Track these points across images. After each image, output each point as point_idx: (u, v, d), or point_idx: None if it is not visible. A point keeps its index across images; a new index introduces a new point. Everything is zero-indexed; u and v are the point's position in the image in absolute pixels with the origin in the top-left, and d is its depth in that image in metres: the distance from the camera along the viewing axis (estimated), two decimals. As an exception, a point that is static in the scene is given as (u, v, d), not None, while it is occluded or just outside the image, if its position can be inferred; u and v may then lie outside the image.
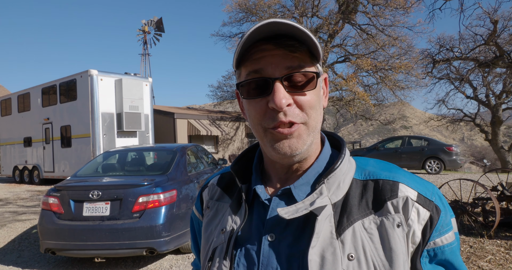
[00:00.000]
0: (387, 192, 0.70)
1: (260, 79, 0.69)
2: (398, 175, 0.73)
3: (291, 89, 0.69)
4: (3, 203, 10.21)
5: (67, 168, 13.90)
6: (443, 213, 0.71)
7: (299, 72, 0.68)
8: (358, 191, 0.72)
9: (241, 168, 0.83)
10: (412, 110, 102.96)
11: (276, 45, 0.68)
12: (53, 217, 4.72)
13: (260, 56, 0.69)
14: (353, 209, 0.69)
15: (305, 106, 0.69)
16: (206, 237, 0.84)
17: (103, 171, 5.96)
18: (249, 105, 0.72)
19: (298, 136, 0.70)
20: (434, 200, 0.71)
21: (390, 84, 20.73)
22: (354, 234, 0.67)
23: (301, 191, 0.73)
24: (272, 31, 0.67)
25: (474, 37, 19.99)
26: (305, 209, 0.68)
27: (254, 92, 0.70)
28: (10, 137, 16.93)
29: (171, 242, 4.61)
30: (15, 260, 5.45)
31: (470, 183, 9.30)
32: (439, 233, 0.70)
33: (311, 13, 21.13)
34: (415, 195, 0.70)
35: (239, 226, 0.75)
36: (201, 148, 7.43)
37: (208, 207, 0.88)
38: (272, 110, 0.69)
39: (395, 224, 0.67)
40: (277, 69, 0.68)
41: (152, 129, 14.71)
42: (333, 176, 0.71)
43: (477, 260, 4.48)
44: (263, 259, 0.70)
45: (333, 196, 0.70)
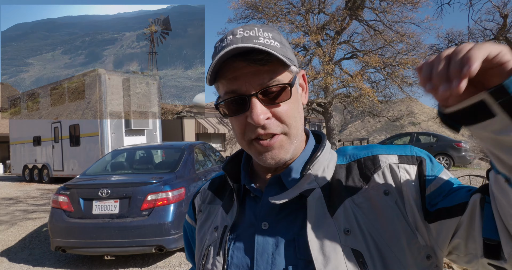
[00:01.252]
0: (370, 166, 0.73)
1: (237, 97, 0.71)
2: (374, 149, 0.77)
3: (267, 103, 0.71)
4: (14, 202, 10.33)
5: (76, 167, 14.02)
6: (427, 160, 0.72)
7: (271, 86, 0.70)
8: (344, 174, 0.75)
9: (233, 168, 0.86)
10: (421, 106, 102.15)
11: (247, 61, 0.70)
12: (63, 215, 4.76)
13: (234, 76, 0.71)
14: (341, 188, 0.72)
15: (283, 117, 0.72)
16: (199, 239, 0.85)
17: (112, 169, 5.99)
18: (231, 121, 0.76)
19: (280, 147, 0.73)
20: (415, 153, 0.73)
21: (397, 80, 20.54)
22: (346, 210, 0.69)
23: (291, 178, 0.76)
24: (238, 49, 0.69)
25: (484, 31, 19.71)
26: (294, 193, 0.71)
27: (233, 110, 0.73)
28: (20, 136, 17.12)
29: (179, 239, 4.62)
30: (26, 258, 5.51)
31: (479, 179, 9.20)
32: (433, 179, 0.70)
33: (317, 9, 20.99)
34: (395, 158, 0.73)
35: (231, 223, 0.77)
36: (209, 146, 7.44)
37: (201, 211, 0.90)
38: (251, 124, 0.71)
39: (382, 192, 0.69)
40: (251, 86, 0.70)
41: (159, 128, 14.76)
42: (317, 163, 0.75)
43: (488, 257, 4.43)
44: (258, 247, 0.72)
45: (320, 180, 0.74)
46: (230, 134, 23.38)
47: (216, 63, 0.70)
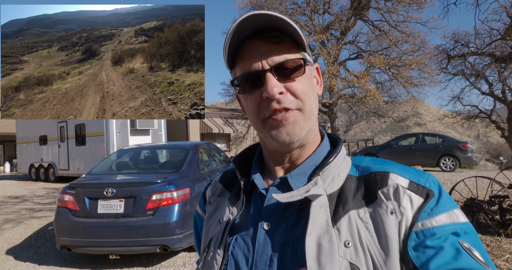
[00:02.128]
0: (378, 182, 0.71)
1: (251, 73, 0.72)
2: (389, 166, 0.74)
3: (282, 78, 0.72)
4: (20, 200, 10.41)
5: (81, 166, 14.10)
6: (435, 197, 0.68)
7: (286, 60, 0.72)
8: (353, 185, 0.73)
9: (243, 162, 0.86)
10: (426, 107, 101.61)
11: (261, 39, 0.72)
12: (68, 214, 4.79)
13: (251, 55, 0.73)
14: (348, 199, 0.70)
15: (297, 92, 0.72)
16: (206, 230, 0.85)
17: (117, 169, 6.02)
18: (246, 100, 0.76)
19: (294, 122, 0.72)
20: (427, 186, 0.70)
21: (403, 81, 20.45)
22: (350, 222, 0.68)
23: (297, 181, 0.75)
24: (254, 26, 0.71)
25: (490, 31, 19.58)
26: (299, 196, 0.69)
27: (248, 86, 0.74)
28: (26, 135, 17.25)
29: (184, 239, 4.63)
30: (31, 257, 5.55)
31: (486, 181, 9.14)
32: (427, 215, 0.66)
33: (322, 9, 20.97)
34: (406, 183, 0.70)
35: (235, 216, 0.77)
36: (214, 146, 7.45)
37: (210, 202, 0.90)
38: (266, 100, 0.71)
39: (389, 211, 0.67)
40: (265, 62, 0.71)
41: (164, 127, 14.81)
42: (327, 169, 0.73)
43: (494, 259, 4.40)
44: (258, 247, 0.71)
45: (328, 188, 0.72)
46: (234, 134, 23.39)
47: (232, 40, 0.71)
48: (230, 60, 0.76)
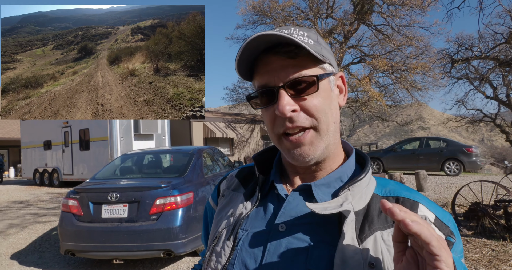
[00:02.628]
0: (407, 208, 0.69)
1: (266, 89, 0.73)
2: (418, 196, 0.74)
3: (295, 95, 0.71)
4: (24, 205, 10.45)
5: (85, 171, 14.15)
6: (458, 241, 0.71)
7: (299, 77, 0.71)
8: (379, 205, 0.72)
9: (263, 160, 0.87)
10: (430, 111, 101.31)
11: (276, 54, 0.72)
12: (72, 219, 4.80)
13: (265, 70, 0.73)
14: (374, 219, 0.70)
15: (311, 110, 0.71)
16: (216, 222, 0.85)
17: (121, 173, 6.04)
18: (263, 113, 0.77)
19: (310, 144, 0.72)
20: (450, 226, 0.71)
21: (406, 84, 20.43)
22: (376, 242, 0.67)
23: (321, 191, 0.75)
24: (268, 42, 0.71)
25: (494, 35, 19.57)
26: (333, 209, 0.68)
27: (263, 101, 0.74)
28: (31, 140, 17.34)
29: (188, 244, 4.63)
30: (36, 261, 5.56)
31: (491, 185, 9.08)
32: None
33: (325, 14, 21.03)
34: (433, 217, 0.70)
35: (248, 211, 0.77)
36: (217, 150, 7.46)
37: (223, 195, 0.90)
38: (279, 117, 0.71)
39: None
40: (279, 79, 0.71)
41: (168, 132, 14.84)
42: (357, 186, 0.73)
43: (499, 264, 4.37)
44: (270, 246, 0.71)
45: (355, 205, 0.71)
46: (238, 138, 23.41)
47: (242, 56, 0.72)
48: (247, 72, 0.77)
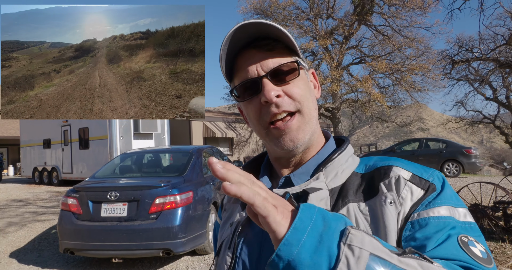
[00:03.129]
0: (381, 175, 0.72)
1: (248, 80, 0.75)
2: (395, 161, 0.75)
3: (278, 82, 0.74)
4: (23, 204, 10.43)
5: (85, 170, 14.13)
6: (437, 191, 0.67)
7: (280, 65, 0.74)
8: (357, 183, 0.74)
9: (253, 168, 0.89)
10: (430, 112, 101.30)
11: (255, 48, 0.75)
12: (72, 218, 4.80)
13: (245, 63, 0.76)
14: (349, 193, 0.72)
15: (294, 95, 0.74)
16: (220, 236, 0.88)
17: (121, 172, 6.03)
18: (247, 108, 0.78)
19: (298, 128, 0.74)
20: (431, 180, 0.69)
21: (406, 85, 20.43)
22: (349, 213, 0.69)
23: (300, 179, 0.76)
24: (247, 37, 0.74)
25: (495, 37, 19.56)
26: (298, 189, 0.72)
27: (247, 94, 0.76)
28: (30, 139, 17.31)
29: (187, 243, 4.63)
30: (35, 260, 5.56)
31: (490, 187, 9.09)
32: (425, 206, 0.65)
33: (326, 14, 21.03)
34: (408, 175, 0.70)
35: (244, 218, 0.79)
36: (217, 150, 7.45)
37: (225, 209, 0.92)
38: (265, 105, 0.73)
39: (388, 201, 0.68)
40: (261, 69, 0.74)
41: (168, 131, 14.83)
42: (330, 165, 0.75)
43: (498, 265, 4.37)
44: (265, 245, 0.72)
45: (330, 183, 0.73)
46: (237, 138, 23.40)
47: (227, 52, 0.74)
48: (228, 73, 0.79)
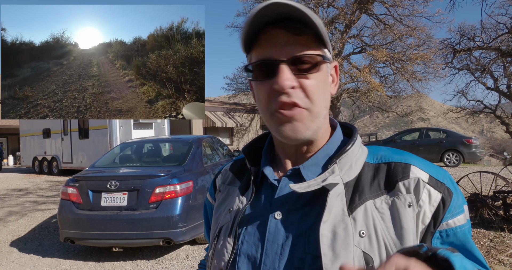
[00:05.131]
0: (399, 173, 0.71)
1: (265, 61, 0.70)
2: (410, 158, 0.74)
3: (296, 72, 0.69)
4: (24, 193, 10.46)
5: (84, 159, 14.14)
6: (455, 196, 0.71)
7: (303, 54, 0.69)
8: (370, 174, 0.73)
9: (253, 151, 0.85)
10: (430, 102, 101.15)
11: (282, 28, 0.69)
12: (72, 207, 4.80)
13: (268, 43, 0.70)
14: (365, 189, 0.70)
15: (309, 90, 0.69)
16: (215, 218, 0.85)
17: (120, 162, 6.02)
18: (257, 88, 0.73)
19: (300, 120, 0.70)
20: (445, 182, 0.71)
21: (407, 75, 20.32)
22: (366, 212, 0.68)
23: (310, 172, 0.74)
24: (277, 14, 0.67)
25: (497, 26, 19.39)
26: (317, 185, 0.69)
27: (261, 75, 0.71)
28: (30, 128, 17.29)
29: (187, 232, 4.64)
30: (35, 249, 5.58)
31: (490, 176, 9.09)
32: (451, 215, 0.69)
33: (327, 3, 20.81)
34: (426, 177, 0.70)
35: (245, 205, 0.76)
36: (217, 139, 7.44)
37: (220, 191, 0.90)
38: (276, 92, 0.69)
39: (406, 204, 0.68)
40: (282, 52, 0.68)
41: (168, 121, 14.80)
42: (344, 157, 0.72)
43: (497, 254, 4.39)
44: (269, 235, 0.71)
45: (345, 176, 0.71)
46: (237, 127, 23.38)
47: (251, 26, 0.68)
48: (247, 44, 0.73)
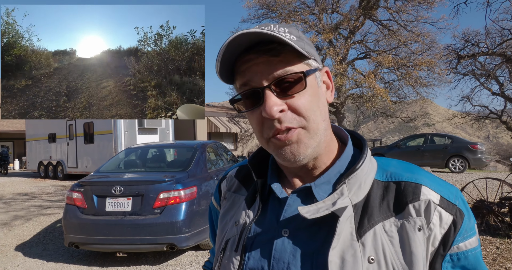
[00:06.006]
0: (409, 194, 0.68)
1: (249, 90, 0.68)
2: (420, 176, 0.70)
3: (282, 95, 0.67)
4: (29, 197, 10.51)
5: (89, 164, 14.20)
6: (466, 217, 0.69)
7: (284, 75, 0.66)
8: (380, 193, 0.70)
9: (258, 162, 0.83)
10: (435, 107, 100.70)
11: (258, 53, 0.67)
12: (76, 212, 4.82)
13: (245, 68, 0.68)
14: (374, 210, 0.68)
15: (299, 109, 0.67)
16: (221, 228, 0.84)
17: (125, 167, 6.05)
18: (249, 117, 0.72)
19: (298, 141, 0.68)
20: (457, 204, 0.69)
21: (411, 81, 20.27)
22: (375, 236, 0.66)
23: (322, 190, 0.71)
24: (249, 41, 0.66)
25: (501, 31, 19.38)
26: (326, 209, 0.66)
27: (248, 104, 0.70)
28: (36, 133, 17.41)
29: (191, 238, 4.64)
30: (40, 253, 5.60)
31: (496, 183, 9.02)
32: (462, 238, 0.68)
33: (331, 9, 20.86)
34: (437, 199, 0.68)
35: (251, 220, 0.74)
36: (221, 145, 7.45)
37: (225, 198, 0.88)
38: (267, 119, 0.67)
39: (416, 227, 0.66)
40: (263, 78, 0.67)
41: (172, 126, 14.85)
42: (354, 177, 0.69)
43: (503, 262, 4.35)
44: (275, 253, 0.69)
45: (353, 197, 0.68)
46: (241, 133, 23.40)
47: (227, 57, 0.67)
48: (228, 75, 0.71)
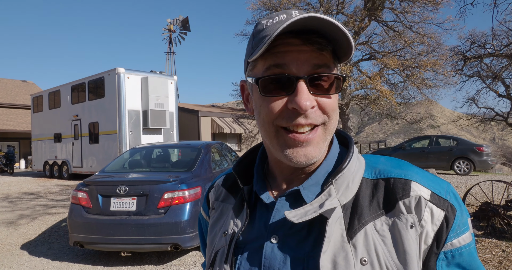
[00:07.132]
0: (399, 191, 0.66)
1: (283, 76, 0.64)
2: (410, 172, 0.68)
3: (315, 91, 0.64)
4: (35, 197, 10.58)
5: (94, 164, 14.27)
6: (458, 213, 0.66)
7: (326, 74, 0.65)
8: (369, 191, 0.68)
9: (244, 169, 0.80)
10: (440, 109, 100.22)
11: (305, 40, 0.63)
12: (82, 211, 4.84)
13: (285, 50, 0.64)
14: (364, 210, 0.66)
15: (327, 108, 0.66)
16: (210, 239, 0.82)
17: (130, 167, 6.07)
18: (264, 101, 0.67)
19: (316, 144, 0.66)
20: (448, 198, 0.67)
21: (417, 82, 20.19)
22: (366, 237, 0.63)
23: (311, 192, 0.69)
24: (302, 25, 0.62)
25: (508, 32, 19.25)
26: (314, 212, 0.64)
27: (273, 89, 0.65)
28: (41, 133, 17.53)
29: (195, 238, 4.65)
30: (45, 252, 5.63)
31: (502, 185, 8.96)
32: (456, 234, 0.65)
33: (336, 10, 20.84)
34: (428, 194, 0.66)
35: (240, 229, 0.72)
36: (225, 145, 7.46)
37: (214, 208, 0.86)
38: (291, 111, 0.64)
39: (408, 225, 0.64)
40: (302, 67, 0.63)
41: (176, 127, 14.90)
42: (341, 176, 0.67)
43: (509, 265, 4.31)
44: (265, 261, 0.67)
45: (342, 197, 0.66)
46: (246, 134, 23.40)
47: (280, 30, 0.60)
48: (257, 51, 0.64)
